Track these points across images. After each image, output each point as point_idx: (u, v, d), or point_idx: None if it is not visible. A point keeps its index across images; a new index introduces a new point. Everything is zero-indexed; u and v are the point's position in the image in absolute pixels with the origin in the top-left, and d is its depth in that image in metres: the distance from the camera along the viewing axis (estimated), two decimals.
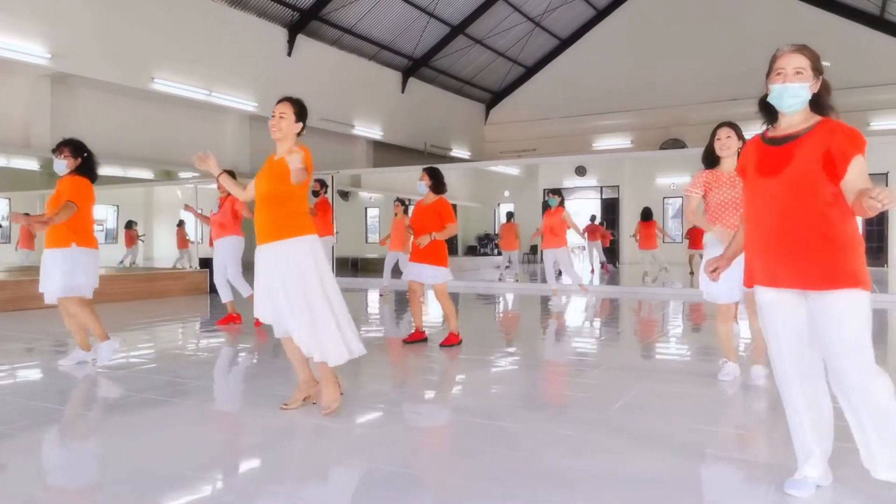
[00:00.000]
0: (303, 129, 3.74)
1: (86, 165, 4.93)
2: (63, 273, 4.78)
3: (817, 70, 2.41)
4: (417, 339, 6.06)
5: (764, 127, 2.59)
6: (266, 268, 3.63)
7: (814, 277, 2.34)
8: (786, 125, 2.46)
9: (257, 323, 7.12)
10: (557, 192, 9.37)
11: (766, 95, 2.48)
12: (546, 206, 9.51)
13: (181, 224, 15.50)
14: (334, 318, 3.59)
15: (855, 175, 2.27)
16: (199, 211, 8.43)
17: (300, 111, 3.71)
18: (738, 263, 2.75)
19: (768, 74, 2.46)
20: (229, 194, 7.03)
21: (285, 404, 3.77)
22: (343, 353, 3.58)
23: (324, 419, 3.56)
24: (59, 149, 4.91)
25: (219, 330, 7.07)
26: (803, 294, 2.42)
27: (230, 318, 7.33)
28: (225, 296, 7.34)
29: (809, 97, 2.41)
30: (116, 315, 8.23)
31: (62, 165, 4.86)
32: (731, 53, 19.14)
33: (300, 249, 3.59)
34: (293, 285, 3.53)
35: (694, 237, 15.05)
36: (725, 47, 19.27)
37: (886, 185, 17.96)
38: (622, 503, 2.50)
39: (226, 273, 7.28)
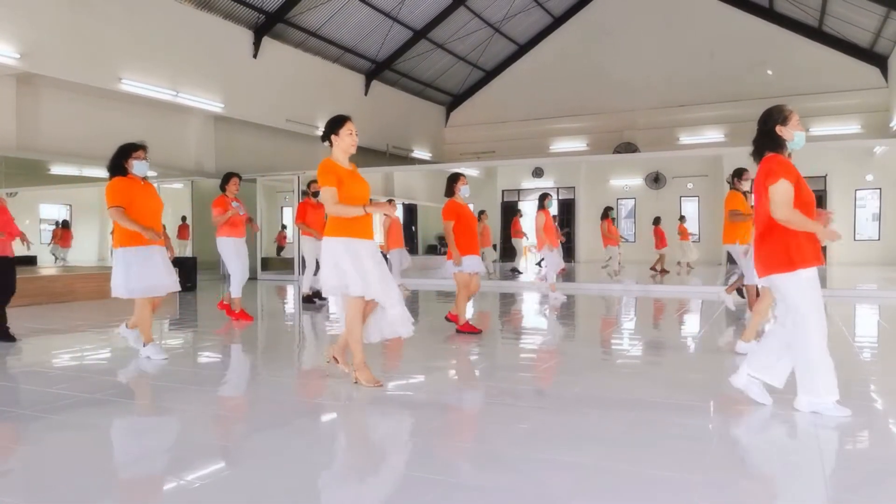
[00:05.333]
0: None
1: None
2: None
3: None
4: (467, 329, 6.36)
5: (786, 152, 3.43)
6: (375, 258, 4.15)
7: None
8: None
9: (240, 314, 7.43)
10: (545, 195, 9.32)
11: (772, 130, 3.38)
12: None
13: None
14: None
15: None
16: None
17: None
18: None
19: (786, 122, 3.35)
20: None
21: (335, 358, 4.34)
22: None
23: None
24: (144, 149, 4.94)
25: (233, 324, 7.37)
26: None
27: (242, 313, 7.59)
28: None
29: None
30: (92, 313, 8.40)
31: (147, 166, 4.96)
32: (679, 61, 20.08)
33: None
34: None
35: (659, 237, 15.60)
36: (673, 55, 20.19)
37: (825, 187, 18.66)
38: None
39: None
